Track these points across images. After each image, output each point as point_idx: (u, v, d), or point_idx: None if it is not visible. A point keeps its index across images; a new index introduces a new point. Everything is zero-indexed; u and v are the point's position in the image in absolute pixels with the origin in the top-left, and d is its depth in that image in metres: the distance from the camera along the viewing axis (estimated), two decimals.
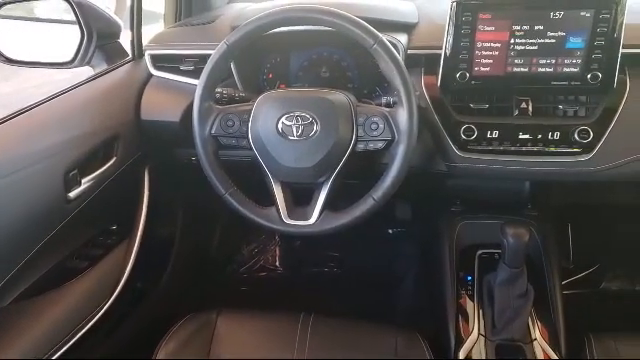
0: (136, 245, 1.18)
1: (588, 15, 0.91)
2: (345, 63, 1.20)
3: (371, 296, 1.67)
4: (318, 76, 1.21)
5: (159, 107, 1.17)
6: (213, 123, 0.94)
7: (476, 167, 1.02)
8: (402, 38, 1.05)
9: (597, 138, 0.96)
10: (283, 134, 0.90)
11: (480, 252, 1.17)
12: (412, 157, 1.05)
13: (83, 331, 1.04)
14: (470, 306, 1.08)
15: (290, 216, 0.95)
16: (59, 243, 1.01)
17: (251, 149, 0.94)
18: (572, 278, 1.65)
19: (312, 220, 0.94)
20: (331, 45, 1.18)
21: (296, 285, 1.80)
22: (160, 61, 1.20)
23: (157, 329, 1.06)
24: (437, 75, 1.01)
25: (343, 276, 1.82)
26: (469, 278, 1.13)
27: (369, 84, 1.17)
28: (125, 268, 1.15)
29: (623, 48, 0.93)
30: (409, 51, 1.04)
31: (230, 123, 0.94)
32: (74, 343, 1.01)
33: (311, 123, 0.89)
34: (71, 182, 1.00)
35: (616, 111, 0.96)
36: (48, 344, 0.98)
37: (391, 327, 1.03)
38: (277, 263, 1.90)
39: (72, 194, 1.00)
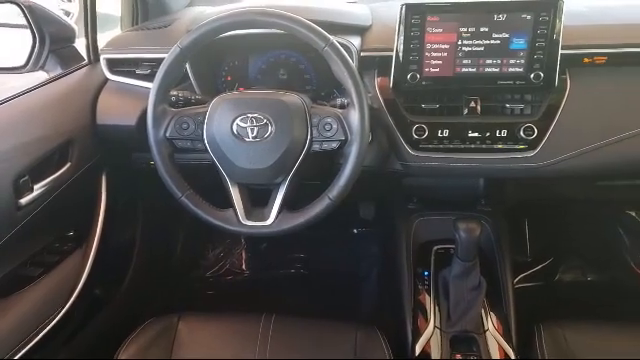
0: (93, 251, 1.17)
1: (529, 17, 0.96)
2: (303, 66, 1.21)
3: (336, 296, 1.69)
4: (276, 78, 1.22)
5: (115, 111, 1.16)
6: (168, 126, 0.94)
7: (429, 165, 1.06)
8: (355, 41, 1.07)
9: (541, 135, 1.00)
10: (238, 136, 0.91)
11: (436, 248, 1.20)
12: (367, 157, 1.08)
13: (35, 340, 1.02)
14: (427, 300, 1.11)
15: (248, 217, 0.96)
16: (10, 251, 0.99)
17: (207, 151, 0.94)
18: (529, 271, 1.71)
19: (270, 221, 0.95)
20: (289, 48, 1.20)
21: (262, 287, 1.80)
22: (116, 65, 1.19)
23: (118, 335, 1.05)
24: (390, 77, 1.04)
25: (309, 277, 1.84)
26: (426, 273, 1.16)
27: (327, 86, 1.19)
28: (82, 274, 1.14)
29: (563, 49, 0.97)
30: (362, 53, 1.06)
31: (185, 126, 0.94)
32: (27, 352, 0.99)
33: (266, 125, 0.90)
34: (22, 188, 0.98)
35: (558, 109, 1.00)
36: None
37: (351, 324, 1.04)
38: (243, 266, 1.90)
39: (23, 201, 0.98)
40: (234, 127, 0.91)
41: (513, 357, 1.01)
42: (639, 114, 1.00)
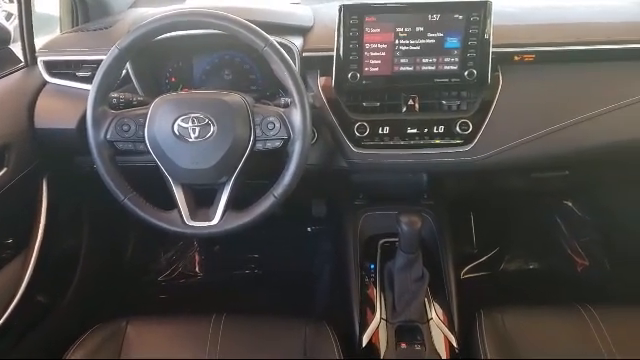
0: (34, 258, 1.13)
1: (461, 18, 1.00)
2: (247, 66, 1.22)
3: (290, 294, 1.70)
4: (221, 79, 1.23)
5: (54, 115, 1.13)
6: (108, 128, 0.93)
7: (371, 162, 1.09)
8: (297, 41, 1.09)
9: (476, 129, 1.05)
10: (180, 136, 0.91)
11: (382, 241, 1.23)
12: (313, 155, 1.11)
13: None
14: (373, 293, 1.14)
15: (192, 218, 0.96)
16: None
17: (149, 153, 0.94)
18: (476, 262, 1.78)
19: (215, 221, 0.95)
20: (233, 48, 1.20)
21: (216, 289, 1.79)
22: (55, 67, 1.16)
23: (64, 342, 1.02)
24: (332, 76, 1.06)
25: (263, 277, 1.84)
26: (372, 266, 1.19)
27: (272, 86, 1.20)
28: (21, 282, 1.11)
29: (494, 47, 1.02)
30: (304, 53, 1.08)
31: (126, 127, 0.93)
32: None
33: (207, 124, 0.90)
34: None
35: (491, 104, 1.06)
36: None
37: (301, 320, 1.06)
38: (197, 269, 1.89)
39: None
40: (175, 127, 0.91)
41: (455, 344, 1.05)
42: (565, 109, 1.06)
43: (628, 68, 1.09)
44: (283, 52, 0.91)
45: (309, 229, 1.97)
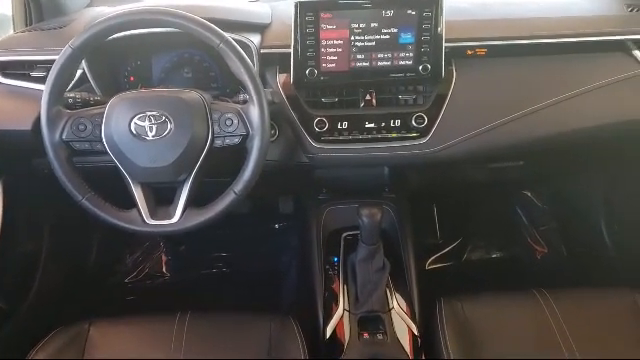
0: None
1: (414, 13, 1.02)
2: (207, 64, 1.22)
3: (258, 291, 1.71)
4: (181, 77, 1.22)
5: (8, 116, 1.11)
6: (64, 128, 0.92)
7: (331, 156, 1.10)
8: (255, 38, 1.09)
9: (431, 122, 1.08)
10: (137, 135, 0.90)
11: (345, 234, 1.25)
12: (275, 151, 1.12)
13: None
14: (337, 285, 1.16)
15: (152, 216, 0.95)
16: None
17: (107, 152, 0.93)
18: (439, 253, 1.82)
19: (175, 219, 0.95)
20: (192, 46, 1.20)
21: (184, 289, 1.79)
22: (8, 68, 1.13)
23: (25, 347, 1.01)
24: (290, 73, 1.07)
25: (231, 275, 1.84)
26: (336, 259, 1.21)
27: (231, 83, 1.20)
28: None
29: (447, 42, 1.05)
30: (263, 50, 1.09)
31: (82, 127, 0.92)
32: None
33: (164, 122, 0.90)
34: None
35: (446, 98, 1.09)
36: None
37: (266, 316, 1.07)
38: (163, 269, 1.87)
39: None
40: (132, 126, 0.90)
41: (416, 331, 1.08)
42: (516, 101, 1.10)
43: (576, 61, 1.14)
44: (239, 49, 0.91)
45: (276, 226, 1.98)
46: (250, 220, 1.95)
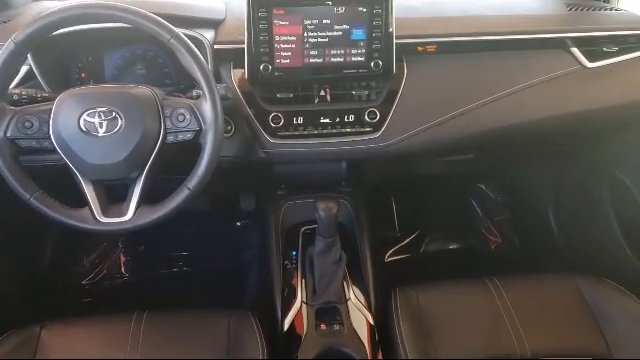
0: None
1: (365, 10, 1.04)
2: (160, 60, 1.21)
3: (220, 290, 1.70)
4: (134, 74, 1.21)
5: None
6: (8, 125, 0.89)
7: (287, 151, 1.12)
8: (208, 34, 1.09)
9: (383, 117, 1.10)
10: (87, 131, 0.89)
11: (303, 229, 1.27)
12: (232, 147, 1.12)
13: None
14: (295, 278, 1.17)
15: (105, 214, 0.94)
16: None
17: (55, 150, 0.91)
18: (398, 245, 1.87)
19: (128, 216, 0.94)
20: (145, 42, 1.19)
21: (143, 289, 1.76)
22: None
23: None
24: (244, 68, 1.07)
25: (192, 274, 1.83)
26: (294, 253, 1.22)
27: (186, 79, 1.20)
28: None
29: (398, 39, 1.08)
30: (216, 46, 1.09)
31: (28, 124, 0.90)
32: None
33: (115, 118, 0.89)
34: None
35: (397, 93, 1.11)
36: None
37: (224, 312, 1.07)
38: (122, 270, 1.84)
39: None
40: (81, 123, 0.89)
41: (372, 321, 1.10)
42: (464, 96, 1.14)
43: (520, 57, 1.19)
44: (190, 44, 0.91)
45: (238, 223, 1.97)
46: (211, 218, 1.94)
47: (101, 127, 0.89)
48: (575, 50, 1.19)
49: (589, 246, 1.56)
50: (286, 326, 1.09)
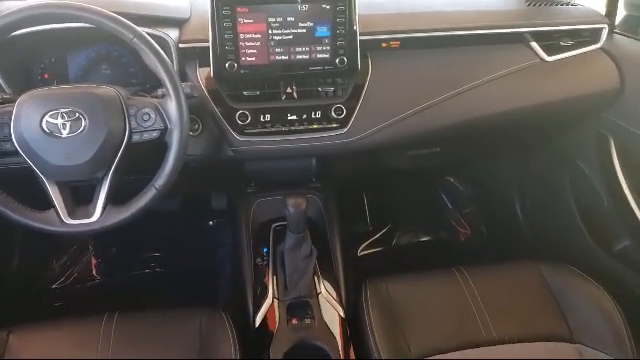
0: None
1: (328, 7, 1.06)
2: (125, 59, 1.20)
3: (194, 290, 1.70)
4: (100, 74, 1.20)
5: None
6: None
7: (255, 148, 1.12)
8: (173, 33, 1.09)
9: (350, 113, 1.12)
10: (50, 133, 0.88)
11: (274, 225, 1.28)
12: (200, 146, 1.12)
13: None
14: (267, 275, 1.18)
15: (71, 216, 0.93)
16: None
17: (17, 152, 0.90)
18: (370, 239, 1.89)
19: (95, 217, 0.93)
20: (109, 42, 1.18)
21: (115, 291, 1.74)
22: None
23: None
24: (210, 67, 1.08)
25: (165, 275, 1.82)
26: (265, 250, 1.23)
27: (152, 79, 1.19)
28: None
29: (362, 35, 1.09)
30: (182, 45, 1.09)
31: None
32: None
33: (78, 119, 0.88)
34: None
35: (362, 89, 1.13)
36: None
37: (196, 310, 1.07)
38: (94, 272, 1.82)
39: None
40: (44, 124, 0.87)
41: (342, 314, 1.12)
42: (427, 91, 1.16)
43: (481, 52, 1.22)
44: (153, 43, 0.91)
45: (211, 222, 1.97)
46: (183, 218, 1.93)
47: (64, 128, 0.88)
48: (534, 44, 1.23)
49: (553, 234, 1.61)
50: (258, 322, 1.10)
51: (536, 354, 1.04)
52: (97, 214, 0.93)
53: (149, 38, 0.91)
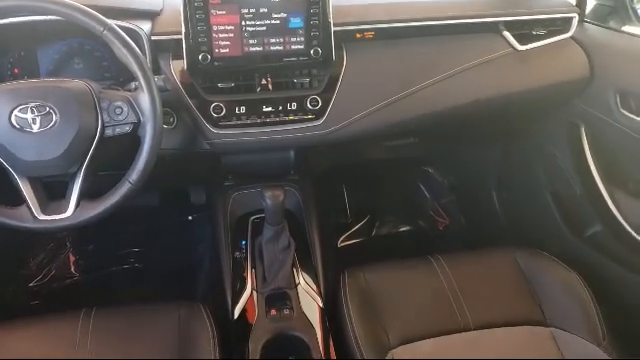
0: None
1: None
2: (98, 53, 1.18)
3: (174, 285, 1.69)
4: (72, 68, 1.18)
5: None
6: None
7: (231, 141, 1.12)
8: (145, 25, 1.08)
9: (325, 105, 1.12)
10: (20, 128, 0.86)
11: (252, 218, 1.28)
12: (175, 139, 1.11)
13: None
14: (245, 267, 1.18)
15: (44, 212, 0.92)
16: None
17: None
18: (350, 231, 1.90)
19: (69, 212, 0.92)
20: (81, 35, 1.16)
21: (94, 289, 1.73)
22: None
23: None
24: (183, 59, 1.07)
25: (144, 271, 1.80)
26: (244, 243, 1.23)
27: (125, 72, 1.17)
28: None
29: (336, 26, 1.09)
30: (154, 37, 1.08)
31: None
32: None
33: (49, 113, 0.87)
34: None
35: (338, 80, 1.13)
36: None
37: (174, 304, 1.07)
38: (72, 269, 1.80)
39: None
40: (13, 119, 0.86)
41: (321, 304, 1.13)
42: (402, 81, 1.17)
43: (454, 42, 1.23)
44: (124, 35, 0.90)
45: (190, 217, 1.96)
46: (162, 213, 1.92)
47: (35, 123, 0.87)
48: (507, 34, 1.24)
49: (529, 221, 1.64)
50: (237, 314, 1.10)
51: (511, 339, 1.07)
52: (71, 209, 0.92)
53: (120, 30, 0.90)
